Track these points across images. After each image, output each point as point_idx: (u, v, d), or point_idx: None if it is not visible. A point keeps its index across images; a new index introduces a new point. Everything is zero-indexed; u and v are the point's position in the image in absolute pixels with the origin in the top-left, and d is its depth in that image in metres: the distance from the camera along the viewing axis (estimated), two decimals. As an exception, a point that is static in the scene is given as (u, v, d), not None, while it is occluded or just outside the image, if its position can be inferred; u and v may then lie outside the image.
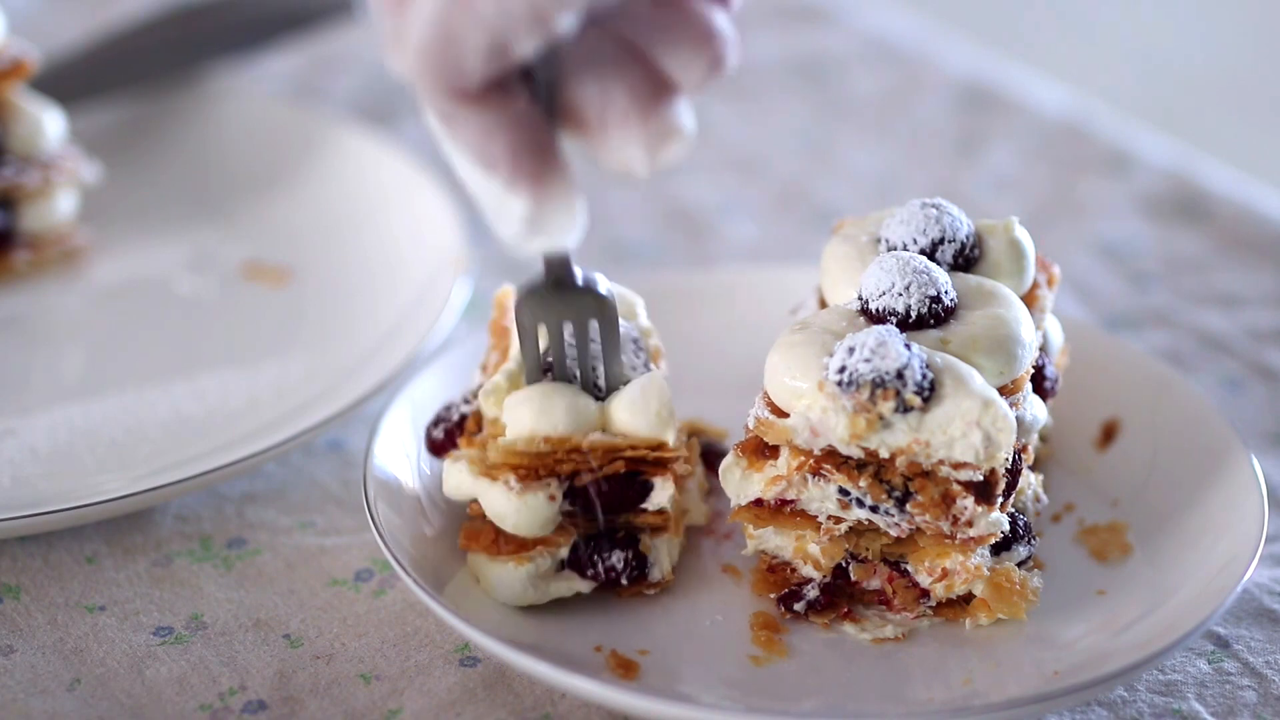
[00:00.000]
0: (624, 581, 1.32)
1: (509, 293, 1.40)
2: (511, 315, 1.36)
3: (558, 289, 1.29)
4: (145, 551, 1.42)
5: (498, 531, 1.31)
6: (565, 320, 1.29)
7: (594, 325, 1.30)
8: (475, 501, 1.31)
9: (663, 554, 1.33)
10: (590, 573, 1.32)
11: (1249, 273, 1.78)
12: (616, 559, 1.32)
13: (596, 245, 1.81)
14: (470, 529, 1.32)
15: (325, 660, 1.32)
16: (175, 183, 1.84)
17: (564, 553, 1.31)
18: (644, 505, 1.31)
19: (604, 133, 1.14)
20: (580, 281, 1.29)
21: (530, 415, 1.28)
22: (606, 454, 1.29)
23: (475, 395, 1.36)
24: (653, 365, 1.34)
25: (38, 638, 1.34)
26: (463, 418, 1.36)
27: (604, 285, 1.30)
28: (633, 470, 1.30)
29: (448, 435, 1.36)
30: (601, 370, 1.31)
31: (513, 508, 1.29)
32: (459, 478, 1.32)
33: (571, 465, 1.29)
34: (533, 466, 1.29)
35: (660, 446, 1.29)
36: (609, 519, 1.32)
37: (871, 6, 2.25)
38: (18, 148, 1.70)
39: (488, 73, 1.10)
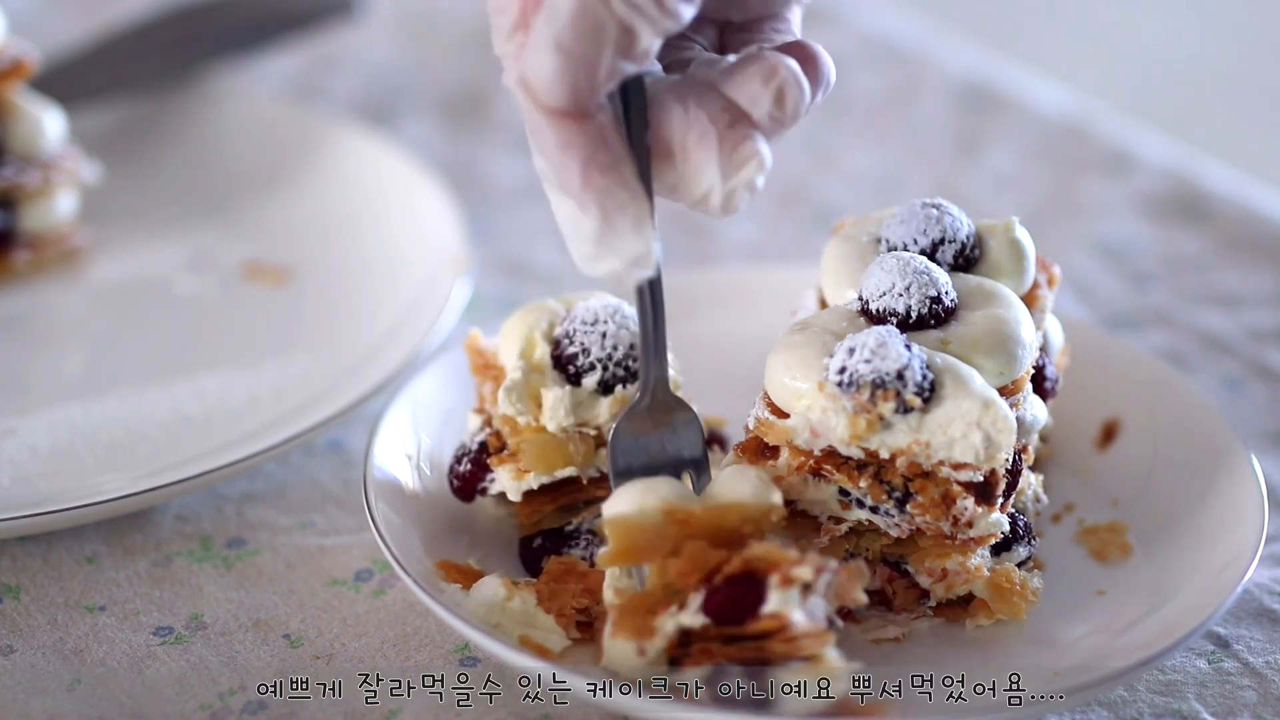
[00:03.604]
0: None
1: (477, 335, 1.40)
2: (493, 345, 1.38)
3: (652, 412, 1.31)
4: (145, 551, 1.42)
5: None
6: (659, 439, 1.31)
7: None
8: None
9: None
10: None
11: (1249, 273, 1.78)
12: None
13: (596, 245, 1.81)
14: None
15: (325, 660, 1.32)
16: (175, 183, 1.84)
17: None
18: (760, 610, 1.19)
19: (685, 156, 1.21)
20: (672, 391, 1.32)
21: (631, 495, 1.24)
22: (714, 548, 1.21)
23: (482, 428, 1.36)
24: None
25: (38, 638, 1.34)
26: (482, 445, 1.36)
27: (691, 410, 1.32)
28: (749, 571, 1.20)
29: (475, 463, 1.35)
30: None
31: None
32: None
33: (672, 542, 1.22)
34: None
35: (770, 511, 1.23)
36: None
37: (871, 6, 2.25)
38: (18, 148, 1.70)
39: (600, 83, 1.17)
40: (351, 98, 2.04)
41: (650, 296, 1.27)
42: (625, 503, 1.23)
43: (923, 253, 1.34)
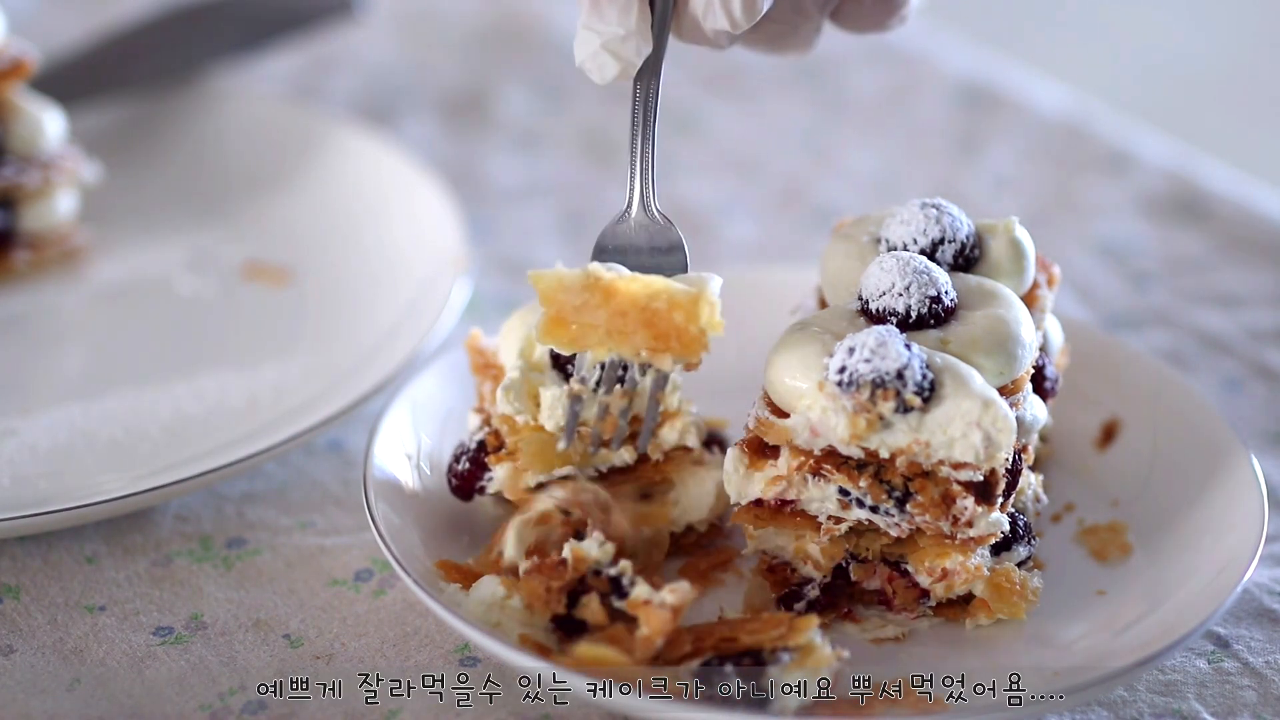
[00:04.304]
0: None
1: (478, 335, 1.40)
2: (493, 345, 1.38)
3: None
4: (145, 551, 1.42)
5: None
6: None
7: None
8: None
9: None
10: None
11: (1249, 273, 1.78)
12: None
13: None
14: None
15: (325, 660, 1.32)
16: (175, 183, 1.84)
17: None
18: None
19: None
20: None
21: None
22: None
23: (481, 427, 1.36)
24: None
25: (38, 638, 1.34)
26: (480, 444, 1.36)
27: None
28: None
29: (473, 462, 1.35)
30: None
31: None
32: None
33: None
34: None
35: (699, 301, 1.24)
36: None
37: (871, 6, 2.25)
38: (18, 148, 1.70)
39: None
40: (351, 98, 2.04)
41: (643, 102, 1.31)
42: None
43: (923, 253, 1.34)
